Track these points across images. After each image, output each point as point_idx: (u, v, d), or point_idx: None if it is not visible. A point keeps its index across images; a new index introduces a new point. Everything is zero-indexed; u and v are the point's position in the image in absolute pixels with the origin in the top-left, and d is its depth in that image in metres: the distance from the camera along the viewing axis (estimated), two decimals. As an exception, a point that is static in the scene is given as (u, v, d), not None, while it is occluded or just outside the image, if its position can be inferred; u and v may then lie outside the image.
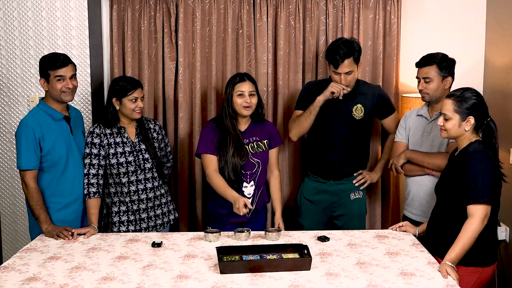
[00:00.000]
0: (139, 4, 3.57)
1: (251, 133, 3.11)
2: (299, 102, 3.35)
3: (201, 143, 3.09)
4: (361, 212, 3.39)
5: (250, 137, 3.10)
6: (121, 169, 3.01)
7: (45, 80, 2.87)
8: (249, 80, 3.06)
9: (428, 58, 2.97)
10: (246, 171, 3.07)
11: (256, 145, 3.11)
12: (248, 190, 3.09)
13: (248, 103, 3.01)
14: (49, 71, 2.85)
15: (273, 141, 3.17)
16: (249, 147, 3.09)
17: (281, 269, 2.35)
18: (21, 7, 3.56)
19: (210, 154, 3.05)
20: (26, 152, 2.84)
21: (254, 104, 3.04)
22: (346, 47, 3.06)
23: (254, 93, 3.05)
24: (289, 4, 3.57)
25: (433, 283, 2.24)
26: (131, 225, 3.07)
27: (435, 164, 2.93)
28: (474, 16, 3.70)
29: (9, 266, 2.43)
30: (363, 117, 3.23)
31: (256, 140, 3.11)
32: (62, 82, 2.86)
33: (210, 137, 3.07)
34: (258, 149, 3.11)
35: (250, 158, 3.08)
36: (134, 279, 2.28)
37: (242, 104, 3.01)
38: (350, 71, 3.09)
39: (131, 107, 2.98)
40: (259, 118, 3.14)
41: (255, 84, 3.09)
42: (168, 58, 3.61)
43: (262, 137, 3.13)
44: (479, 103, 2.49)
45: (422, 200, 3.04)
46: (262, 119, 3.17)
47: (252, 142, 3.10)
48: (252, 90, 3.04)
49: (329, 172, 3.30)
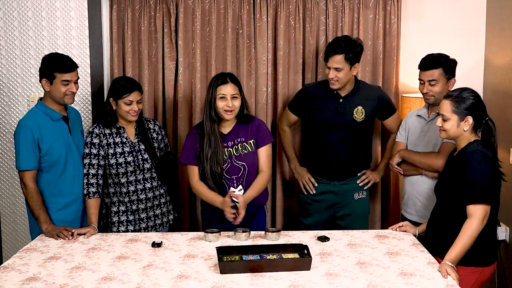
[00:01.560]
0: (139, 4, 3.57)
1: (236, 134, 3.01)
2: (292, 103, 3.38)
3: (183, 153, 3.03)
4: (364, 212, 3.39)
5: (235, 139, 3.00)
6: (120, 169, 3.00)
7: (48, 81, 2.86)
8: (231, 82, 2.93)
9: (433, 60, 2.95)
10: (231, 175, 2.98)
11: (241, 147, 3.00)
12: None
13: (230, 107, 2.90)
14: (55, 74, 2.82)
15: (261, 139, 3.03)
16: (233, 150, 2.98)
17: (281, 269, 2.35)
18: (21, 7, 3.56)
19: (193, 165, 2.99)
20: (25, 153, 2.83)
21: (237, 107, 2.93)
22: (343, 43, 3.07)
23: (237, 95, 2.93)
24: (289, 4, 3.57)
25: (433, 283, 2.24)
26: (130, 225, 3.07)
27: (426, 163, 2.94)
28: (474, 16, 3.70)
29: (9, 266, 2.43)
30: (364, 119, 3.22)
31: (241, 142, 3.00)
32: (67, 86, 2.85)
33: (192, 146, 2.99)
34: (243, 151, 3.00)
35: (234, 162, 2.98)
36: (134, 279, 2.28)
37: (223, 107, 2.90)
38: (339, 67, 3.08)
39: (126, 110, 2.97)
40: (245, 118, 3.02)
41: (238, 85, 2.97)
42: (168, 58, 3.61)
43: (248, 137, 3.01)
44: (477, 102, 2.49)
45: (415, 200, 3.05)
46: (248, 119, 3.04)
47: (236, 144, 2.99)
48: (235, 93, 2.92)
49: (332, 174, 3.30)
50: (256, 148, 3.03)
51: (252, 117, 3.11)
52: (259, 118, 3.23)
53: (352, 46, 3.09)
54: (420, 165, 2.98)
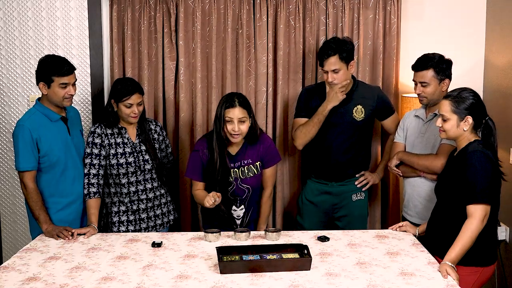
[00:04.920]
0: (139, 4, 3.57)
1: (243, 155, 2.99)
2: (298, 110, 3.32)
3: (189, 167, 3.02)
4: (362, 213, 3.38)
5: (242, 160, 2.98)
6: (121, 169, 3.00)
7: (45, 84, 2.83)
8: (239, 106, 2.86)
9: (424, 62, 2.92)
10: (235, 197, 3.02)
11: (247, 169, 2.98)
12: (238, 213, 3.06)
13: (236, 131, 2.86)
14: (53, 77, 2.80)
15: (267, 160, 3.04)
16: (239, 172, 2.97)
17: (281, 269, 2.35)
18: (21, 7, 3.56)
19: (196, 180, 3.01)
20: (24, 153, 2.83)
21: (243, 131, 2.88)
22: (334, 45, 3.06)
23: (246, 118, 2.87)
24: (289, 4, 3.57)
25: (433, 283, 2.24)
26: (130, 225, 3.07)
27: (424, 165, 2.93)
28: (474, 16, 3.70)
29: (9, 266, 2.43)
30: (364, 118, 3.22)
31: (248, 163, 2.98)
32: (65, 89, 2.83)
33: (198, 163, 2.98)
34: (249, 174, 2.99)
35: (239, 185, 2.98)
36: (134, 279, 2.28)
37: (229, 131, 2.87)
38: (336, 69, 3.07)
39: (126, 112, 2.97)
40: (253, 139, 2.98)
41: (247, 108, 2.90)
42: (168, 58, 3.61)
43: (255, 159, 3.00)
44: (476, 102, 2.49)
45: (416, 201, 3.04)
46: (256, 139, 2.99)
47: (242, 166, 2.98)
48: (243, 117, 2.86)
49: (332, 174, 3.30)
50: (262, 169, 3.06)
51: (261, 135, 3.06)
52: (268, 136, 3.19)
53: (343, 45, 3.08)
54: (418, 167, 2.97)
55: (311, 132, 3.17)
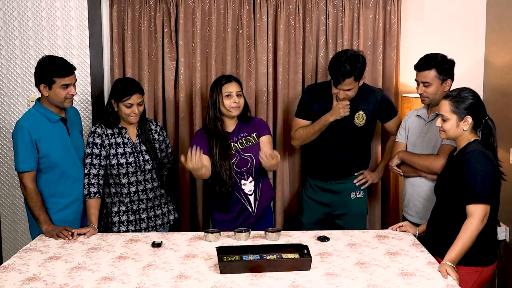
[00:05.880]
0: (139, 4, 3.57)
1: (239, 131, 3.10)
2: (300, 109, 3.33)
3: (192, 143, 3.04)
4: (362, 211, 3.38)
5: (238, 135, 3.09)
6: (121, 170, 3.00)
7: (46, 86, 2.82)
8: (235, 81, 3.08)
9: (427, 62, 2.92)
10: (240, 168, 3.05)
11: (245, 140, 3.09)
12: (248, 187, 3.07)
13: (237, 103, 3.02)
14: (54, 79, 2.79)
15: (261, 131, 3.12)
16: (238, 144, 3.07)
17: (281, 269, 2.35)
18: (21, 7, 3.56)
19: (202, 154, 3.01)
20: (23, 154, 2.82)
21: (242, 104, 3.06)
22: (349, 66, 2.98)
23: (241, 93, 3.07)
24: (289, 4, 3.57)
25: (433, 283, 2.24)
26: (131, 225, 3.07)
27: (424, 165, 2.93)
28: (474, 16, 3.70)
29: (9, 266, 2.43)
30: (364, 124, 3.21)
31: (245, 136, 3.10)
32: (66, 89, 2.83)
33: (200, 141, 3.03)
34: (248, 143, 3.08)
35: (242, 155, 3.06)
36: (134, 279, 2.28)
37: (230, 105, 3.01)
38: (350, 88, 3.07)
39: (126, 112, 2.97)
40: (246, 118, 3.14)
41: (240, 85, 3.11)
42: (168, 58, 3.61)
43: (250, 131, 3.11)
44: (476, 102, 2.49)
45: (416, 201, 3.04)
46: (249, 119, 3.16)
47: (240, 139, 3.08)
48: (239, 91, 3.05)
49: (330, 174, 3.30)
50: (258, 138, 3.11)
51: (252, 117, 3.21)
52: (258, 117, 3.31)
53: (356, 62, 3.01)
54: (419, 167, 2.97)
55: (310, 138, 3.25)
